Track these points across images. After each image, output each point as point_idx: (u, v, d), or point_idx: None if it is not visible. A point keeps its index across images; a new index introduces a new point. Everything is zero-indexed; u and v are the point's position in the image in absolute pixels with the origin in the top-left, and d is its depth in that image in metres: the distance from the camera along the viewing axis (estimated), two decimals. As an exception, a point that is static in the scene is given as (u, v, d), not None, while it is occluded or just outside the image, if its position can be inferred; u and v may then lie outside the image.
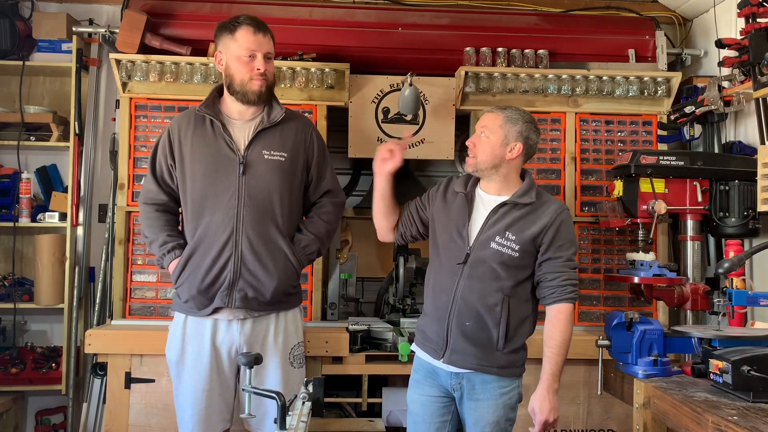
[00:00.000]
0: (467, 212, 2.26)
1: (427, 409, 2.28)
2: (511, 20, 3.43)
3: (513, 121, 2.24)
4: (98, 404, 3.32)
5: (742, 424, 1.71)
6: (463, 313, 2.20)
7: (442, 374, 2.25)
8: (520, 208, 2.22)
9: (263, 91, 2.38)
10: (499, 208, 2.23)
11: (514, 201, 2.22)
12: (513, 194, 2.24)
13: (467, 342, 2.19)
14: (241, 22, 2.35)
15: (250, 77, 2.35)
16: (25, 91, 3.54)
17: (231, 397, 2.41)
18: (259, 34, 2.35)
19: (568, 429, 2.99)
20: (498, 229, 2.20)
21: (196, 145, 2.39)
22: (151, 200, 2.46)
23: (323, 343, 2.87)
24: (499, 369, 2.20)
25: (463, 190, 2.30)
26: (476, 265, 2.20)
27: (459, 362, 2.21)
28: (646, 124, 3.30)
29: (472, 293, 2.19)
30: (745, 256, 2.22)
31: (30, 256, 3.60)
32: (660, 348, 2.32)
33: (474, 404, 2.21)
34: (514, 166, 2.27)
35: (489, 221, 2.22)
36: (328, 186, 2.54)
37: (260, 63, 2.34)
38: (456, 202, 2.31)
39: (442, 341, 2.22)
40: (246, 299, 2.33)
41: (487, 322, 2.19)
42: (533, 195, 2.24)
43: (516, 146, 2.23)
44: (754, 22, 2.79)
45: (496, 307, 2.18)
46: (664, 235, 3.22)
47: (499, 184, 2.27)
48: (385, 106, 3.28)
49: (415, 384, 2.33)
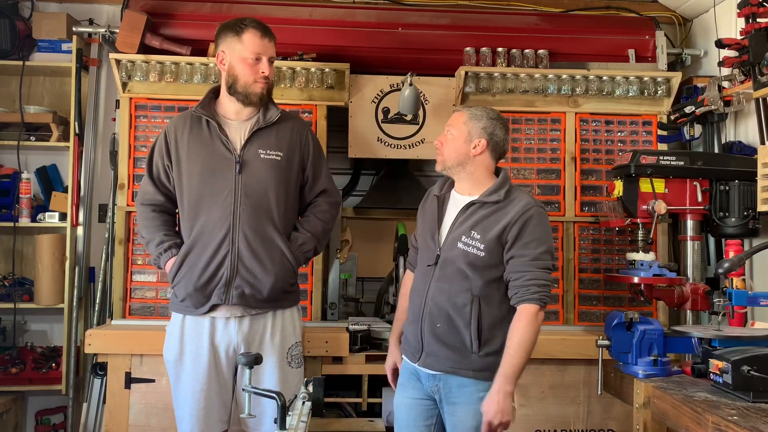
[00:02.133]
0: (438, 215, 2.27)
1: (412, 413, 2.26)
2: (511, 20, 3.43)
3: (477, 117, 2.24)
4: (98, 404, 3.32)
5: (742, 424, 1.71)
6: (434, 315, 2.18)
7: (423, 376, 2.23)
8: (487, 206, 2.19)
9: (265, 93, 2.41)
10: (467, 207, 2.21)
11: (481, 200, 2.20)
12: (483, 193, 2.22)
13: (440, 344, 2.17)
14: (247, 25, 2.38)
15: (254, 80, 2.37)
16: (25, 91, 3.54)
17: (229, 397, 2.41)
18: (265, 38, 2.39)
19: (568, 429, 2.99)
20: (464, 229, 2.18)
21: (192, 146, 2.40)
22: (148, 201, 2.47)
23: (323, 343, 2.87)
24: (475, 372, 2.14)
25: (438, 193, 2.31)
26: (445, 266, 2.18)
27: (434, 365, 2.18)
28: (646, 124, 3.30)
29: (441, 294, 2.18)
30: (745, 256, 2.22)
31: (30, 256, 3.60)
32: (660, 348, 2.32)
33: (452, 408, 2.17)
34: (481, 163, 2.24)
35: (457, 221, 2.21)
36: (324, 186, 2.55)
37: (265, 67, 2.38)
38: (432, 206, 2.32)
39: (418, 344, 2.21)
40: (243, 296, 2.33)
41: (458, 324, 2.15)
42: (502, 193, 2.20)
43: (480, 142, 2.22)
44: (754, 22, 2.78)
45: (465, 308, 2.14)
46: (664, 235, 3.22)
47: (469, 183, 2.25)
48: (385, 106, 3.28)
49: (400, 387, 2.32)
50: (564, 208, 3.23)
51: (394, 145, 3.30)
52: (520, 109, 3.26)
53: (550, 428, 2.98)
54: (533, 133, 3.27)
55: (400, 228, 3.30)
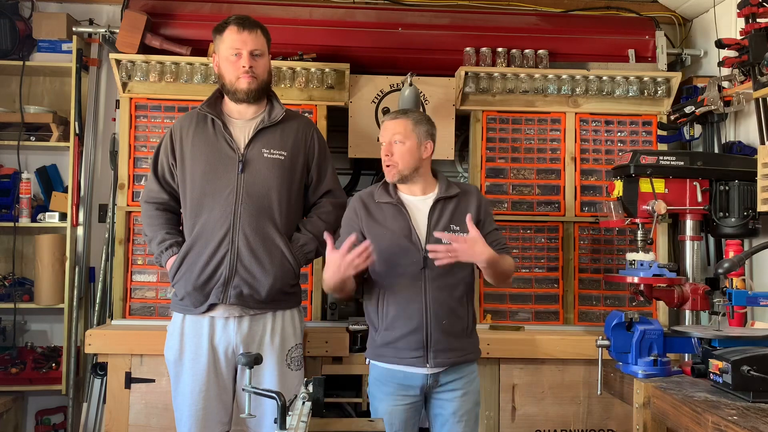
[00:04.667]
0: (406, 218, 2.31)
1: (404, 416, 2.32)
2: (511, 20, 3.43)
3: (419, 121, 2.36)
4: (98, 404, 3.32)
5: (742, 424, 1.71)
6: (438, 314, 2.26)
7: (418, 377, 2.28)
8: (452, 200, 2.34)
9: (252, 88, 2.37)
10: (435, 205, 2.32)
11: (444, 196, 2.34)
12: (439, 190, 2.36)
13: (448, 337, 2.27)
14: (228, 23, 2.38)
15: (237, 76, 2.36)
16: (25, 91, 3.54)
17: (229, 399, 2.41)
18: (244, 32, 2.34)
19: (568, 429, 2.99)
20: (443, 224, 2.29)
21: (196, 144, 2.40)
22: (152, 199, 2.47)
23: (323, 343, 2.87)
24: (473, 354, 2.36)
25: (389, 199, 2.34)
26: (436, 266, 2.22)
27: (443, 360, 2.27)
28: (646, 124, 3.30)
29: (441, 292, 2.27)
30: (745, 256, 2.22)
31: (30, 256, 3.60)
32: (660, 348, 2.32)
33: (450, 395, 2.30)
34: (427, 163, 2.38)
35: (432, 220, 2.30)
36: (329, 186, 2.54)
37: (245, 60, 2.35)
38: (387, 212, 2.33)
39: (422, 349, 2.25)
40: (241, 296, 2.32)
41: (459, 313, 2.31)
42: (455, 187, 2.38)
43: (428, 144, 2.36)
44: (754, 22, 2.79)
45: (463, 298, 2.33)
46: (664, 235, 3.22)
47: (422, 184, 2.37)
48: (385, 106, 3.28)
49: (386, 397, 2.31)
50: (564, 208, 3.23)
51: (394, 145, 3.29)
52: (520, 109, 3.26)
53: (550, 428, 2.98)
54: (533, 133, 3.27)
55: (400, 228, 3.29)
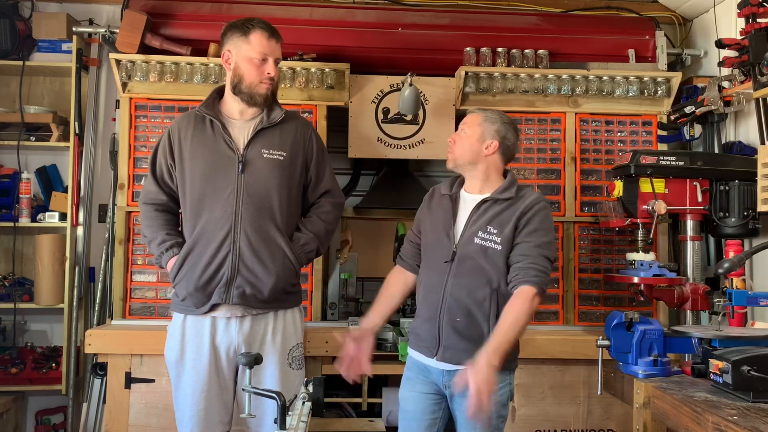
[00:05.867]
0: (452, 212, 2.32)
1: (419, 406, 2.30)
2: (511, 20, 3.43)
3: (491, 120, 2.33)
4: (98, 404, 3.32)
5: (742, 424, 1.71)
6: (453, 310, 2.22)
7: (435, 372, 2.26)
8: (500, 203, 2.27)
9: (269, 94, 2.41)
10: (481, 204, 2.29)
11: (494, 197, 2.28)
12: (494, 191, 2.30)
13: (459, 337, 2.21)
14: (255, 25, 2.38)
15: (259, 80, 2.37)
16: (25, 91, 3.54)
17: (230, 399, 2.41)
18: (272, 39, 2.38)
19: (568, 429, 2.99)
20: (480, 225, 2.25)
21: (195, 145, 2.40)
22: (150, 200, 2.47)
23: (323, 343, 2.87)
24: None
25: (448, 192, 2.37)
26: (463, 262, 2.23)
27: (452, 359, 2.22)
28: (646, 124, 3.30)
29: (460, 289, 2.22)
30: (745, 256, 2.22)
31: (30, 256, 3.60)
32: (660, 348, 2.32)
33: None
34: (492, 163, 2.32)
35: (472, 218, 2.28)
36: (327, 186, 2.54)
37: (271, 68, 2.38)
38: (441, 204, 2.37)
39: (434, 339, 2.24)
40: (244, 296, 2.33)
41: (477, 317, 2.21)
42: (513, 191, 2.29)
43: (492, 144, 2.31)
44: (754, 22, 2.79)
45: (484, 302, 2.20)
46: (664, 235, 3.22)
47: (480, 182, 2.33)
48: (385, 106, 3.28)
49: (407, 381, 2.35)
50: (564, 208, 3.23)
51: (394, 145, 3.30)
52: (520, 109, 3.26)
53: (550, 428, 2.98)
54: (533, 133, 3.27)
55: (400, 228, 3.30)
